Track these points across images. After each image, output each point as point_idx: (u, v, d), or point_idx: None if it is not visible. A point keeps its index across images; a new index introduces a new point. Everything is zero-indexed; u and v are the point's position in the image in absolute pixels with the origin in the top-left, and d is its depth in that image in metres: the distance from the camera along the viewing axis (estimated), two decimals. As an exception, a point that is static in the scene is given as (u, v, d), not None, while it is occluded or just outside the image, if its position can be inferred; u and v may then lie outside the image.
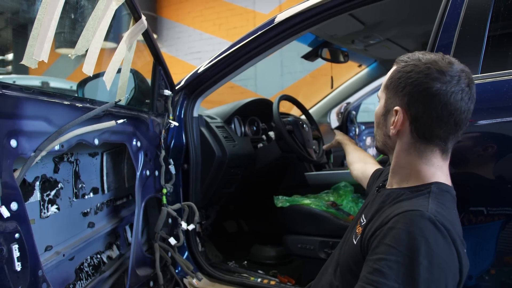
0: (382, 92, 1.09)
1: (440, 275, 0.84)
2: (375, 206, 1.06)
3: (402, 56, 1.07)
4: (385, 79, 1.09)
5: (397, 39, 2.64)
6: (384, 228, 0.91)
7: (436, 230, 0.87)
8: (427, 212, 0.89)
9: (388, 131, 1.06)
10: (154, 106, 1.82)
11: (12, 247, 0.97)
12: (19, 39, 1.76)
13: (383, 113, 1.08)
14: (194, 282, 1.90)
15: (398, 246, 0.86)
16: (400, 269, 0.83)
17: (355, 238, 1.04)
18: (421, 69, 0.99)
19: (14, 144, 1.01)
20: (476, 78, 1.19)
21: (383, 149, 1.12)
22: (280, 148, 2.50)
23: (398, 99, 1.02)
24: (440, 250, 0.85)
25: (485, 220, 1.16)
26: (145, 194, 1.67)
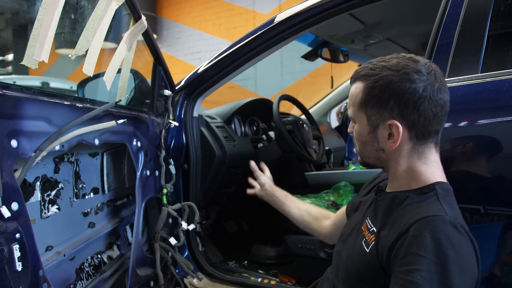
0: (358, 111, 1.06)
1: (468, 278, 0.86)
2: (381, 211, 1.05)
3: (362, 71, 1.04)
4: (355, 99, 1.05)
5: (397, 38, 2.64)
6: (407, 236, 0.90)
7: (459, 234, 0.88)
8: (446, 216, 0.90)
9: (381, 145, 1.04)
10: (154, 106, 1.82)
11: (13, 247, 0.97)
12: (19, 40, 1.76)
13: (369, 131, 1.05)
14: (194, 282, 1.90)
15: (427, 255, 0.85)
16: (433, 277, 0.84)
17: (366, 246, 1.02)
18: (399, 77, 0.98)
19: (14, 144, 1.01)
20: (476, 77, 1.20)
21: (374, 163, 1.10)
22: (280, 148, 2.50)
23: (386, 113, 1.01)
24: (465, 253, 0.87)
25: (486, 220, 1.17)
26: (145, 194, 1.67)
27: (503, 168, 1.17)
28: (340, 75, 3.57)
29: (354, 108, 1.07)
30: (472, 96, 1.20)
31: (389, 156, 1.05)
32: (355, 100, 1.06)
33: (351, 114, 1.09)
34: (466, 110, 1.22)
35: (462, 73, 1.22)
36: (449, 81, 1.23)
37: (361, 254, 1.03)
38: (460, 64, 1.23)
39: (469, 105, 1.21)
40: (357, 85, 1.06)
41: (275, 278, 2.02)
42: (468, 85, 1.20)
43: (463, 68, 1.22)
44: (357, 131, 1.08)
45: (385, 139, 1.02)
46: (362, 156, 1.11)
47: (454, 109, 1.22)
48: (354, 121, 1.09)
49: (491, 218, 1.16)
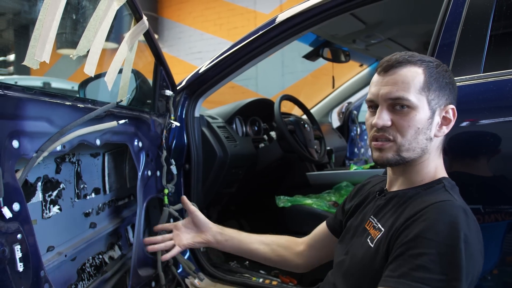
0: (419, 95, 0.99)
1: (472, 263, 0.86)
2: (389, 208, 1.04)
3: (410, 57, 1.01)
4: (414, 82, 0.99)
5: (398, 38, 2.64)
6: (415, 221, 0.90)
7: (469, 219, 0.89)
8: (456, 202, 0.92)
9: (431, 133, 1.01)
10: (155, 107, 1.82)
11: (14, 248, 0.97)
12: (21, 40, 1.76)
13: (429, 117, 1.00)
14: (196, 282, 1.90)
15: (436, 238, 0.86)
16: (442, 259, 0.84)
17: (371, 242, 1.01)
18: (443, 65, 1.04)
19: (16, 144, 1.01)
20: (479, 77, 1.19)
21: (414, 158, 1.02)
22: (281, 148, 2.50)
23: (445, 98, 1.02)
24: (473, 238, 0.87)
25: (490, 220, 1.16)
26: (146, 194, 1.67)
27: (506, 168, 1.16)
28: (341, 75, 3.57)
29: (414, 91, 0.99)
30: (474, 96, 1.20)
31: (432, 146, 1.03)
32: (416, 83, 0.99)
33: (407, 99, 0.98)
34: (468, 110, 1.21)
35: (464, 72, 1.22)
36: (451, 81, 1.23)
37: (366, 250, 1.02)
38: (462, 63, 1.23)
39: (471, 105, 1.20)
40: (412, 69, 1.00)
41: (277, 279, 2.02)
42: (470, 85, 1.20)
43: (465, 67, 1.22)
44: (413, 118, 0.99)
45: (437, 126, 1.03)
46: (405, 149, 1.00)
47: (457, 109, 1.22)
48: (409, 107, 0.99)
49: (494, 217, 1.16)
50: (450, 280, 0.82)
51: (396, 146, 1.01)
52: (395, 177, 1.10)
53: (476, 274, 0.89)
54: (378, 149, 1.03)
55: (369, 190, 1.22)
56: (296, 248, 1.37)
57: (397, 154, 1.01)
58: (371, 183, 1.26)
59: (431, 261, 0.84)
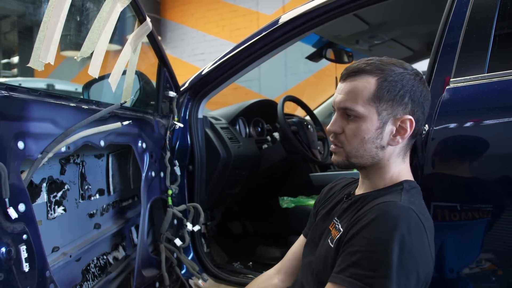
0: (368, 106, 1.01)
1: (411, 262, 0.87)
2: (349, 210, 1.07)
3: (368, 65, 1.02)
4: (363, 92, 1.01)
5: (402, 39, 2.63)
6: (360, 220, 0.95)
7: (409, 218, 0.90)
8: (400, 202, 0.93)
9: (383, 142, 1.03)
10: (159, 108, 1.82)
11: (20, 248, 0.97)
12: (25, 42, 1.77)
13: (378, 127, 1.02)
14: (199, 283, 1.90)
15: (371, 236, 0.89)
16: (373, 257, 0.87)
17: (331, 242, 1.04)
18: (412, 76, 1.03)
19: (21, 146, 1.02)
20: (483, 77, 1.19)
21: (364, 164, 1.05)
22: (285, 149, 2.50)
23: (400, 108, 1.02)
24: (413, 238, 0.88)
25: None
26: (150, 195, 1.68)
27: (509, 169, 1.16)
28: (344, 75, 3.56)
29: (361, 102, 1.01)
30: (478, 97, 1.19)
31: (385, 154, 1.04)
32: (364, 93, 1.01)
33: (354, 109, 1.02)
34: (472, 110, 1.21)
35: (468, 73, 1.21)
36: (455, 81, 1.23)
37: (327, 250, 1.04)
38: (466, 64, 1.22)
39: (476, 105, 1.20)
40: (366, 79, 1.02)
41: (280, 279, 2.02)
42: (474, 85, 1.20)
43: (469, 68, 1.22)
44: (358, 127, 1.02)
45: (390, 136, 1.03)
46: (352, 155, 1.05)
47: (461, 110, 1.21)
48: (356, 116, 1.02)
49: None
50: (378, 277, 0.85)
51: (344, 152, 1.06)
52: (362, 180, 1.12)
53: (423, 272, 0.90)
54: (333, 152, 1.10)
55: (337, 192, 1.24)
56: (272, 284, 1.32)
57: (346, 159, 1.07)
58: (338, 185, 1.28)
59: (363, 258, 0.88)
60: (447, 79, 1.25)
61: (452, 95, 1.22)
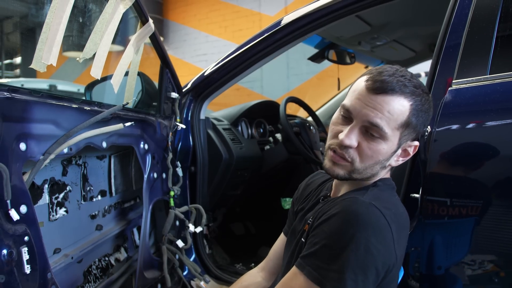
0: (396, 130, 0.97)
1: (367, 258, 0.87)
2: (324, 210, 1.05)
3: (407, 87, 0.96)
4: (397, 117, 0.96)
5: (404, 40, 2.63)
6: (324, 214, 0.96)
7: (368, 214, 0.90)
8: (361, 198, 0.94)
9: (388, 163, 1.02)
10: (161, 109, 1.82)
11: (22, 250, 0.97)
12: (28, 43, 1.77)
13: (394, 151, 1.00)
14: (201, 284, 1.90)
15: (327, 230, 0.92)
16: (328, 251, 0.90)
17: (303, 237, 1.06)
18: (429, 100, 1.01)
19: (23, 147, 1.02)
20: (485, 79, 1.18)
21: (361, 178, 1.03)
22: (287, 150, 2.49)
23: (415, 133, 1.01)
24: (370, 234, 0.88)
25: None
26: (152, 196, 1.68)
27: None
28: (346, 76, 3.56)
29: (392, 125, 0.96)
30: (480, 98, 1.19)
31: (383, 171, 1.05)
32: (399, 118, 0.96)
33: (384, 130, 0.96)
34: (474, 112, 1.20)
35: (471, 74, 1.21)
36: (457, 82, 1.22)
37: (300, 247, 1.06)
38: (469, 65, 1.22)
39: (478, 107, 1.19)
40: (402, 102, 0.96)
41: (282, 281, 2.02)
42: (476, 87, 1.19)
43: (472, 69, 1.21)
44: (380, 149, 0.97)
45: (397, 157, 1.03)
46: (357, 172, 1.00)
47: (463, 111, 1.21)
48: (381, 138, 0.97)
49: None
50: (331, 271, 0.88)
51: (351, 168, 1.00)
52: (340, 183, 1.11)
53: (383, 266, 0.90)
54: (332, 161, 1.02)
55: (314, 191, 1.23)
56: (256, 282, 1.34)
57: (348, 174, 1.01)
58: (315, 182, 1.28)
59: (320, 251, 0.91)
60: (449, 80, 1.25)
61: (455, 96, 1.21)
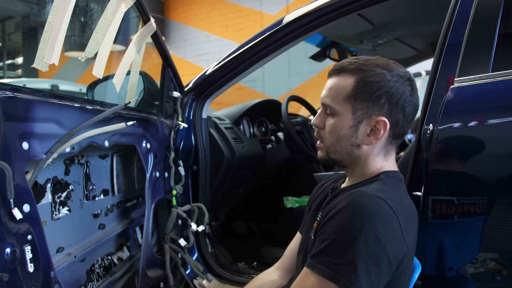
0: (344, 104, 1.03)
1: (378, 248, 0.88)
2: (330, 205, 1.06)
3: (351, 64, 1.03)
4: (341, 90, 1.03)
5: (405, 38, 2.63)
6: (331, 210, 0.97)
7: (375, 206, 0.91)
8: (367, 191, 0.95)
9: (358, 141, 1.04)
10: (163, 108, 1.82)
11: (25, 249, 0.98)
12: (29, 43, 1.78)
13: (352, 125, 1.04)
14: (204, 283, 1.90)
15: (336, 225, 0.92)
16: (338, 245, 0.90)
17: (313, 235, 1.06)
18: (394, 78, 1.02)
19: (26, 146, 1.02)
20: (487, 77, 1.18)
21: (341, 160, 1.08)
22: (289, 149, 2.49)
23: (375, 109, 1.02)
24: (378, 225, 0.89)
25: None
26: (155, 195, 1.68)
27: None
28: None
29: (338, 100, 1.04)
30: (482, 96, 1.19)
31: (362, 153, 1.05)
32: (341, 92, 1.04)
33: (331, 106, 1.05)
34: (476, 110, 1.20)
35: (473, 72, 1.21)
36: (459, 80, 1.22)
37: (311, 244, 1.05)
38: (471, 63, 1.22)
39: (480, 104, 1.19)
40: (345, 78, 1.04)
41: (285, 279, 2.02)
42: (478, 85, 1.19)
43: (474, 67, 1.21)
44: (335, 124, 1.05)
45: (365, 135, 1.04)
46: (331, 151, 1.08)
47: (465, 109, 1.21)
48: (333, 114, 1.05)
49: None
50: (343, 264, 0.88)
51: (325, 147, 1.09)
52: (347, 177, 1.14)
53: (394, 256, 0.91)
54: (317, 148, 1.13)
55: (327, 189, 1.24)
56: (271, 282, 1.33)
57: (326, 154, 1.10)
58: (329, 181, 1.29)
59: (329, 246, 0.91)
60: (451, 78, 1.24)
61: (457, 94, 1.21)
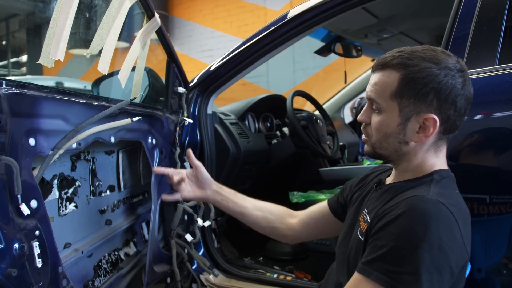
0: (390, 101, 1.00)
1: (441, 256, 0.85)
2: (378, 201, 1.06)
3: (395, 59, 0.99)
4: (386, 87, 1.00)
5: (411, 32, 2.61)
6: (387, 214, 0.93)
7: (438, 212, 0.88)
8: (428, 195, 0.91)
9: (406, 138, 1.01)
10: (168, 104, 1.82)
11: (33, 244, 0.98)
12: (35, 40, 1.78)
13: (399, 123, 1.00)
14: (210, 278, 1.91)
15: (396, 231, 0.88)
16: (399, 253, 0.86)
17: (361, 235, 1.03)
18: (442, 71, 0.96)
19: (32, 142, 1.02)
20: (494, 69, 1.17)
21: (389, 155, 1.05)
22: (294, 144, 2.49)
23: (423, 106, 0.98)
24: (442, 233, 0.86)
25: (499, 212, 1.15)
26: (161, 191, 1.68)
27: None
28: (353, 70, 3.55)
29: (383, 96, 1.01)
30: (489, 89, 1.18)
31: (410, 149, 1.02)
32: (387, 89, 1.00)
33: (377, 102, 1.02)
34: (483, 103, 1.20)
35: (479, 65, 1.20)
36: (466, 73, 1.21)
37: (358, 244, 1.03)
38: (477, 56, 1.21)
39: (487, 97, 1.18)
40: (390, 74, 1.00)
41: (291, 274, 2.02)
42: (485, 78, 1.18)
43: (480, 60, 1.20)
44: (381, 122, 1.02)
45: (414, 132, 1.00)
46: (378, 147, 1.05)
47: (472, 102, 1.20)
48: (379, 110, 1.02)
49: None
50: (404, 273, 0.84)
51: (370, 143, 1.08)
52: (394, 170, 1.12)
53: (456, 265, 0.88)
54: (364, 141, 1.12)
55: (370, 182, 1.23)
56: (288, 219, 1.41)
57: (372, 149, 1.08)
58: (373, 174, 1.27)
59: (389, 253, 0.87)
60: (457, 71, 1.23)
61: (463, 87, 1.20)
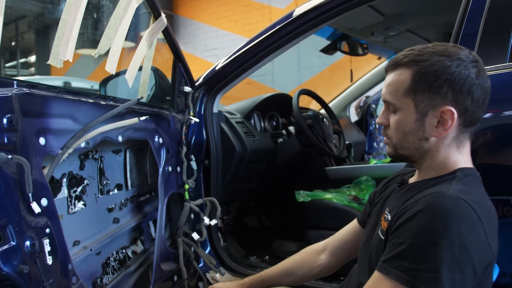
0: (404, 98, 1.00)
1: (463, 254, 0.83)
2: (399, 200, 1.05)
3: (406, 57, 0.99)
4: (399, 86, 1.00)
5: (417, 30, 2.60)
6: (407, 211, 0.92)
7: (459, 209, 0.86)
8: (448, 192, 0.89)
9: (426, 134, 1.00)
10: (174, 103, 1.83)
11: (44, 242, 0.99)
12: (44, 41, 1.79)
13: (417, 119, 1.00)
14: (217, 276, 1.92)
15: (415, 228, 0.87)
16: (418, 250, 0.85)
17: (382, 234, 1.02)
18: (454, 63, 0.95)
19: (42, 142, 1.04)
20: (504, 67, 1.17)
21: (411, 155, 1.04)
22: (300, 142, 2.49)
23: (438, 99, 0.96)
24: (463, 230, 0.84)
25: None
26: (167, 190, 1.69)
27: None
28: (359, 68, 3.54)
29: (398, 95, 1.01)
30: (499, 87, 1.17)
31: (431, 145, 1.01)
32: (400, 87, 1.00)
33: (392, 103, 1.02)
34: (493, 101, 1.18)
35: (489, 63, 1.19)
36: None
37: (379, 243, 1.03)
38: (487, 53, 1.20)
39: (498, 95, 1.17)
40: (402, 72, 1.00)
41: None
42: (495, 75, 1.17)
43: (490, 57, 1.19)
44: (399, 120, 1.02)
45: (433, 127, 0.99)
46: (399, 147, 1.04)
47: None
48: (395, 110, 1.02)
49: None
50: (423, 271, 0.83)
51: (392, 144, 1.06)
52: (417, 171, 1.10)
53: (479, 264, 0.86)
54: (385, 144, 1.10)
55: (393, 184, 1.21)
56: (317, 259, 1.35)
57: (394, 151, 1.07)
58: (397, 177, 1.25)
59: (407, 251, 0.86)
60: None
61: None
